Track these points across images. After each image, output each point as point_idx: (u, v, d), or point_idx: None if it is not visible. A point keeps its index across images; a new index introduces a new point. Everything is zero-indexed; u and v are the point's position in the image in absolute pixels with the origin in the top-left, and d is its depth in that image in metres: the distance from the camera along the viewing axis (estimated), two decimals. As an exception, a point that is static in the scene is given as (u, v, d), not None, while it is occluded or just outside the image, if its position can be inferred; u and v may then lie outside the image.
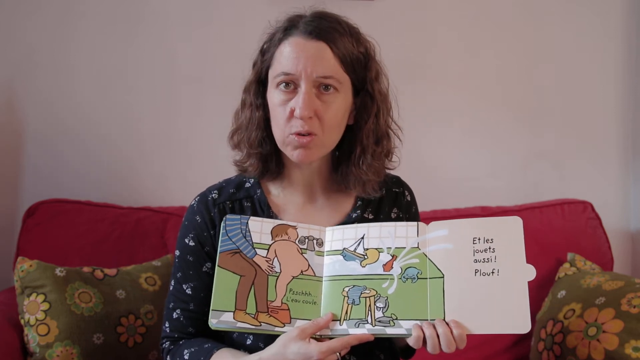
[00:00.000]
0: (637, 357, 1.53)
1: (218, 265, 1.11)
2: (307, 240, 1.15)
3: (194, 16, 2.03)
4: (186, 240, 1.21)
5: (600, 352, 1.57)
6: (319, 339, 1.07)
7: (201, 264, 1.20)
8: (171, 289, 1.23)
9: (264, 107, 1.19)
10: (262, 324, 1.08)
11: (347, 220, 1.22)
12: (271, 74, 1.15)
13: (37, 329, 1.51)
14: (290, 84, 1.12)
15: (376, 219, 1.24)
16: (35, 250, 1.72)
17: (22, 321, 1.55)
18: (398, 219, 1.27)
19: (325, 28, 1.13)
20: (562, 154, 2.24)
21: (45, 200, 1.82)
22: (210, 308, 1.09)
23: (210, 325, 1.08)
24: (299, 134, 1.12)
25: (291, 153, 1.15)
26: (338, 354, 1.05)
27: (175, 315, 1.21)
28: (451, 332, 1.04)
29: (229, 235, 1.13)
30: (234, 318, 1.08)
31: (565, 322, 1.68)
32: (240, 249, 1.13)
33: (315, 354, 1.02)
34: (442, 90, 2.16)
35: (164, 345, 1.22)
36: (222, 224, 1.14)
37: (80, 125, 2.00)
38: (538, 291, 1.90)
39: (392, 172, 1.29)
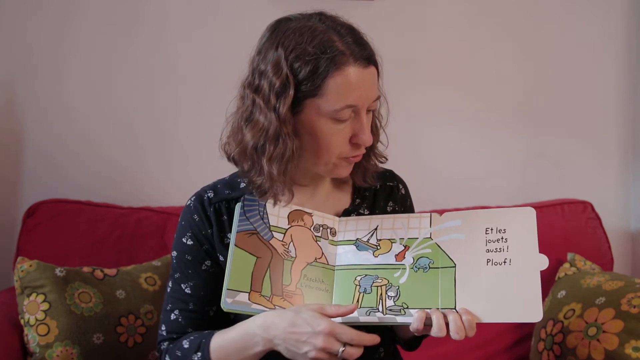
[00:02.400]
0: (637, 357, 1.53)
1: (235, 245, 1.10)
2: (321, 228, 1.16)
3: (194, 16, 2.03)
4: (184, 240, 1.19)
5: (600, 352, 1.57)
6: None
7: (200, 262, 1.18)
8: (168, 290, 1.21)
9: (295, 133, 1.11)
10: (276, 307, 1.07)
11: (344, 215, 1.22)
12: (326, 105, 1.07)
13: (37, 329, 1.51)
14: (349, 112, 1.09)
15: (372, 214, 1.24)
16: (35, 250, 1.72)
17: (22, 321, 1.55)
18: (394, 212, 1.27)
19: (371, 49, 1.11)
20: (562, 154, 2.24)
21: (45, 200, 1.82)
22: (225, 287, 1.07)
23: (223, 306, 1.06)
24: (352, 156, 1.13)
25: (337, 173, 1.15)
26: (340, 349, 0.99)
27: (173, 317, 1.18)
28: (460, 318, 1.02)
29: (246, 215, 1.12)
30: (249, 299, 1.07)
31: (565, 322, 1.68)
32: (258, 230, 1.12)
33: (323, 328, 0.98)
34: (442, 90, 2.16)
35: (162, 347, 1.19)
36: (240, 204, 1.13)
37: (80, 125, 2.00)
38: (538, 291, 1.90)
39: (386, 166, 1.29)
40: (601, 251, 2.00)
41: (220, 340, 1.09)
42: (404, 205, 1.31)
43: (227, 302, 1.06)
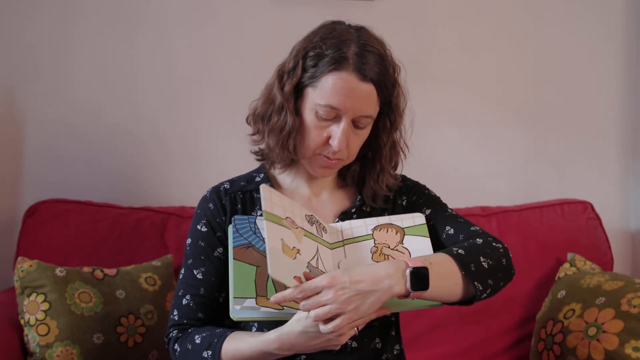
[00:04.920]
0: (637, 357, 1.53)
1: (234, 258, 1.14)
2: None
3: (194, 16, 2.03)
4: (198, 227, 1.26)
5: (600, 352, 1.57)
6: None
7: (213, 249, 1.24)
8: (181, 277, 1.26)
9: (297, 113, 1.20)
10: (284, 307, 1.10)
11: (347, 212, 1.28)
12: (314, 97, 1.16)
13: (37, 329, 1.51)
14: (332, 113, 1.16)
15: (372, 209, 1.30)
16: (35, 250, 1.72)
17: (22, 321, 1.55)
18: (393, 200, 1.32)
19: (377, 70, 1.16)
20: (562, 154, 2.24)
21: (45, 200, 1.82)
22: (232, 297, 1.10)
23: (232, 315, 1.10)
24: (328, 158, 1.20)
25: (314, 169, 1.23)
26: (356, 328, 1.08)
27: (184, 302, 1.23)
28: None
29: (239, 232, 1.17)
30: (256, 303, 1.10)
31: (565, 322, 1.68)
32: (252, 243, 1.16)
33: (338, 331, 1.05)
34: (442, 91, 2.16)
35: (171, 334, 1.23)
36: (232, 223, 1.18)
37: (80, 125, 1.99)
38: (538, 291, 1.90)
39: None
40: (601, 251, 2.00)
41: (233, 348, 1.14)
42: (406, 185, 1.35)
43: (236, 310, 1.09)
